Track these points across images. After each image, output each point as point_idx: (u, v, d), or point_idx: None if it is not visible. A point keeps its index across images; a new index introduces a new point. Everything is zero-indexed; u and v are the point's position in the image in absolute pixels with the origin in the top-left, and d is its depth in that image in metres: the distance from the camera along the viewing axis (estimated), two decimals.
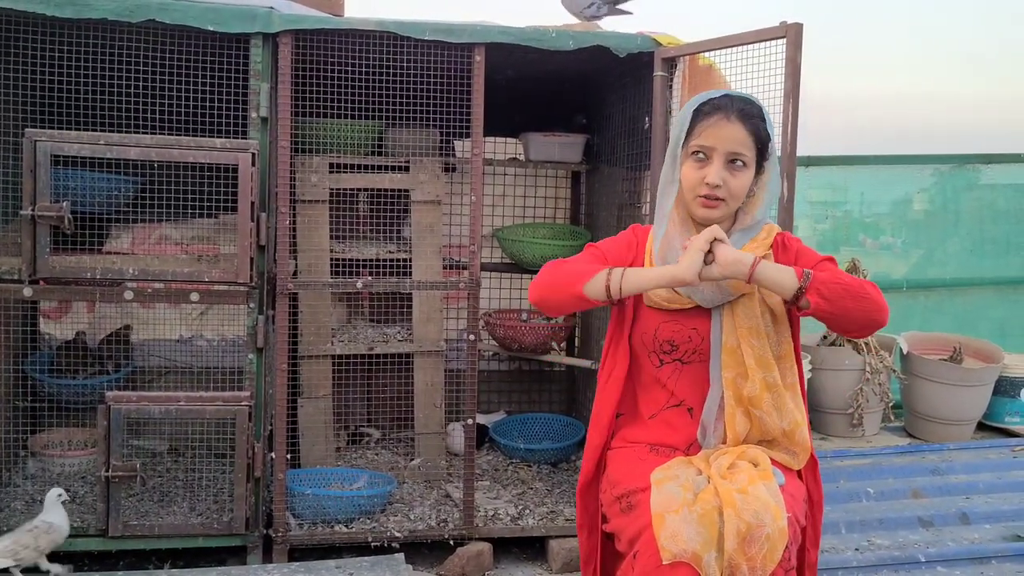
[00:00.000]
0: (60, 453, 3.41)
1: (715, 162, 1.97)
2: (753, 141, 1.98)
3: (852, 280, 1.92)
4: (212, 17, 2.78)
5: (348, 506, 3.10)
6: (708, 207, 1.99)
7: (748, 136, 1.97)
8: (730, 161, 1.97)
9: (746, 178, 1.99)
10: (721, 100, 2.00)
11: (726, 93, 2.03)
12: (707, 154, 1.98)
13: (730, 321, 2.01)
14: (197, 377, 3.71)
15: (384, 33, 2.92)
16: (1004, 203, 5.17)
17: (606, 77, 3.64)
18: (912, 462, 3.80)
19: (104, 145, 2.75)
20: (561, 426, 4.08)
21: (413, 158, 3.51)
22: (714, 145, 1.97)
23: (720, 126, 1.97)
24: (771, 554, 1.78)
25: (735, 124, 1.96)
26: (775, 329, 2.03)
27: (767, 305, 2.03)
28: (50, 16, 2.70)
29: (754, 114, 1.99)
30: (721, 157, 1.96)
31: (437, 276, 3.55)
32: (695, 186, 1.99)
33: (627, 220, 3.47)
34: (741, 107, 1.99)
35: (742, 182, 1.98)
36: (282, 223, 2.93)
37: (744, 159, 1.97)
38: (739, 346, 2.00)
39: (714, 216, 2.00)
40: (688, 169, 2.01)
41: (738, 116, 1.97)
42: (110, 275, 2.81)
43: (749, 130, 1.97)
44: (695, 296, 2.02)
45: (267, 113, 2.87)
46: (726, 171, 1.97)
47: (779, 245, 2.10)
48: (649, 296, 2.07)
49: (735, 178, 1.97)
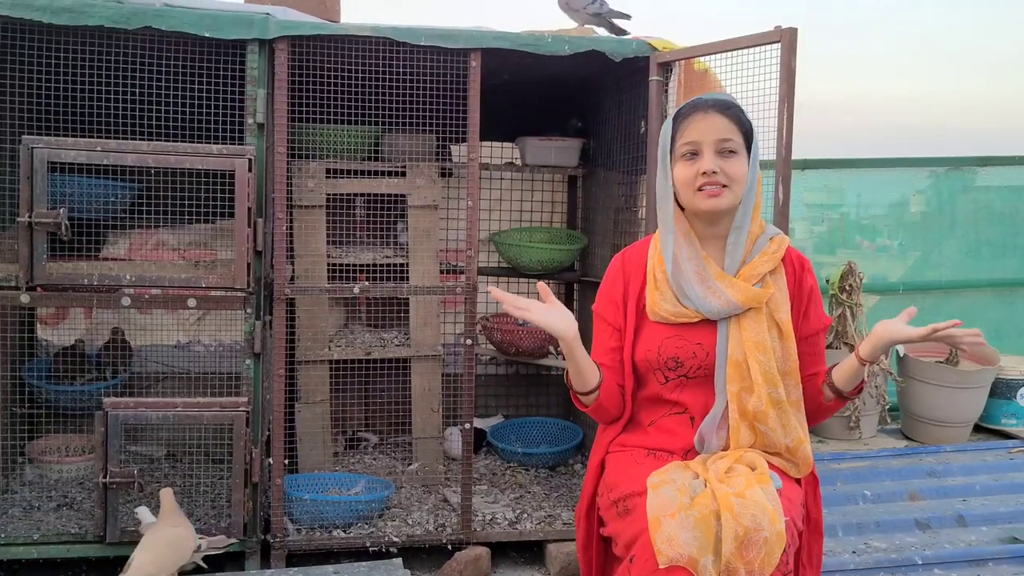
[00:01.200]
0: (58, 459, 3.41)
1: (706, 153, 2.00)
2: (738, 128, 2.01)
3: None
4: (208, 24, 2.78)
5: (346, 511, 3.10)
6: (712, 196, 2.00)
7: (731, 123, 2.01)
8: (721, 150, 1.99)
9: (740, 163, 2.01)
10: (696, 100, 2.07)
11: (699, 96, 2.10)
12: (696, 149, 2.01)
13: (736, 334, 2.01)
14: (195, 383, 3.71)
15: (380, 39, 2.92)
16: (1000, 205, 5.18)
17: (602, 82, 3.65)
18: (909, 464, 3.81)
19: (100, 152, 2.75)
20: (558, 430, 4.09)
21: (410, 163, 3.52)
22: (700, 138, 2.00)
23: (701, 119, 2.01)
24: (769, 558, 1.78)
25: (715, 115, 2.01)
26: (781, 344, 2.03)
27: (774, 321, 2.03)
28: (47, 23, 2.70)
29: (731, 104, 2.05)
30: (710, 148, 1.99)
31: (434, 281, 3.56)
32: (691, 181, 2.00)
33: (623, 224, 3.48)
34: (717, 100, 2.05)
35: (738, 166, 2.00)
36: (279, 228, 2.93)
37: (733, 146, 2.00)
38: (745, 359, 2.00)
39: (722, 205, 2.00)
40: (681, 169, 2.03)
41: (716, 109, 2.02)
42: (107, 281, 2.82)
43: (730, 119, 2.01)
44: (703, 309, 2.03)
45: (263, 119, 2.87)
46: (719, 159, 1.99)
47: (793, 268, 2.10)
48: (654, 310, 2.07)
49: (729, 164, 2.00)
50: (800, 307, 2.08)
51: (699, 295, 2.02)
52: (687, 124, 2.02)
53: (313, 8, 3.34)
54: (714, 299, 2.00)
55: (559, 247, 3.87)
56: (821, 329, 2.12)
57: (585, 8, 3.36)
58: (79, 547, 2.86)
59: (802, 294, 2.09)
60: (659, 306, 2.05)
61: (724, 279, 2.02)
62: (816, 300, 2.12)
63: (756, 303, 2.01)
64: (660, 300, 2.06)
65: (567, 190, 4.34)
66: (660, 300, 2.06)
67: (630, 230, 3.38)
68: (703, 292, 2.02)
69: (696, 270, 2.03)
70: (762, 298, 2.01)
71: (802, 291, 2.09)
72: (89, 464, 3.37)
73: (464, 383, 3.10)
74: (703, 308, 2.02)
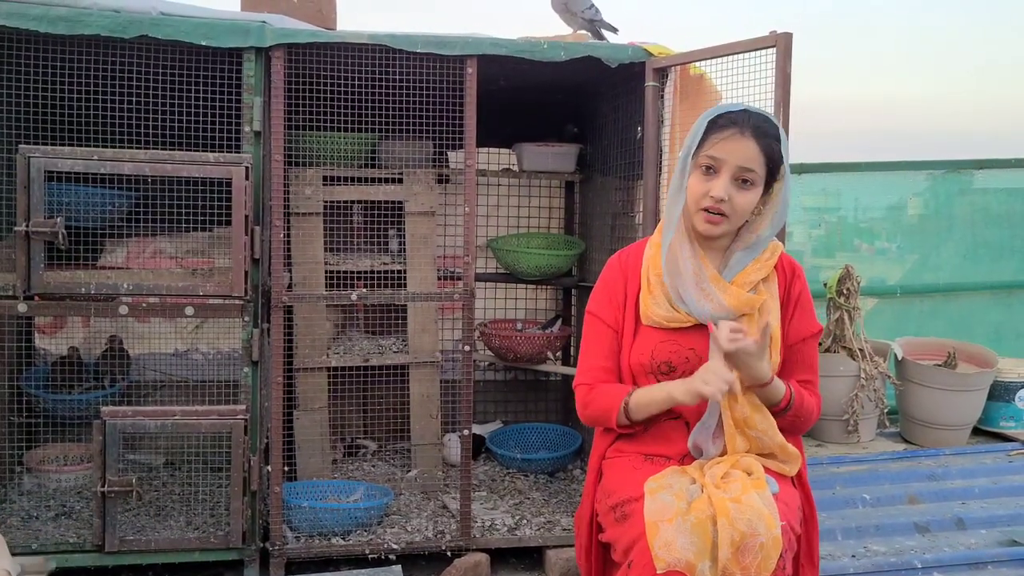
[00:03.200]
0: (56, 469, 3.41)
1: (723, 176, 1.96)
2: (764, 160, 1.97)
3: (807, 412, 2.06)
4: (205, 32, 2.79)
5: (345, 518, 3.10)
6: (710, 222, 1.98)
7: (760, 154, 1.96)
8: (738, 178, 1.96)
9: (752, 196, 1.98)
10: (738, 115, 1.98)
11: (745, 108, 2.01)
12: (716, 167, 1.96)
13: None
14: (193, 391, 3.71)
15: (376, 46, 2.93)
16: (997, 207, 5.19)
17: (598, 87, 3.66)
18: (908, 467, 3.81)
19: (98, 160, 2.75)
20: (557, 435, 4.08)
21: (407, 170, 3.52)
22: (724, 158, 1.95)
23: (732, 140, 1.95)
24: (765, 563, 1.78)
25: (748, 140, 1.95)
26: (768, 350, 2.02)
27: None
28: (43, 33, 2.71)
29: (769, 133, 1.98)
30: (729, 171, 1.95)
31: (432, 287, 3.56)
32: (699, 198, 1.98)
33: (621, 229, 3.49)
34: (757, 124, 1.97)
35: (748, 200, 1.97)
36: (276, 236, 2.93)
37: (752, 177, 1.96)
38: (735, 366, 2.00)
39: (715, 232, 2.00)
40: (695, 181, 2.00)
41: (752, 133, 1.95)
42: (104, 290, 2.82)
43: (762, 148, 1.96)
44: (696, 313, 2.02)
45: (260, 127, 2.87)
46: (733, 187, 1.96)
47: (784, 274, 2.10)
48: (647, 314, 2.07)
49: (741, 195, 1.97)
50: (787, 314, 2.09)
51: (693, 299, 2.02)
52: (719, 138, 1.96)
53: (309, 16, 3.35)
54: (707, 303, 2.01)
55: (557, 253, 3.87)
56: (808, 336, 2.10)
57: (582, 13, 3.37)
58: (77, 556, 2.86)
59: (790, 300, 2.09)
60: (652, 310, 2.06)
61: (719, 282, 2.02)
62: (804, 307, 2.10)
63: (748, 309, 2.01)
64: (653, 304, 2.06)
65: (564, 196, 4.34)
66: (653, 304, 2.06)
67: (627, 235, 3.38)
68: (697, 295, 2.02)
69: (693, 270, 2.03)
70: (755, 304, 2.01)
71: (790, 297, 2.09)
72: (87, 473, 3.36)
73: (462, 389, 3.10)
74: (696, 312, 2.02)
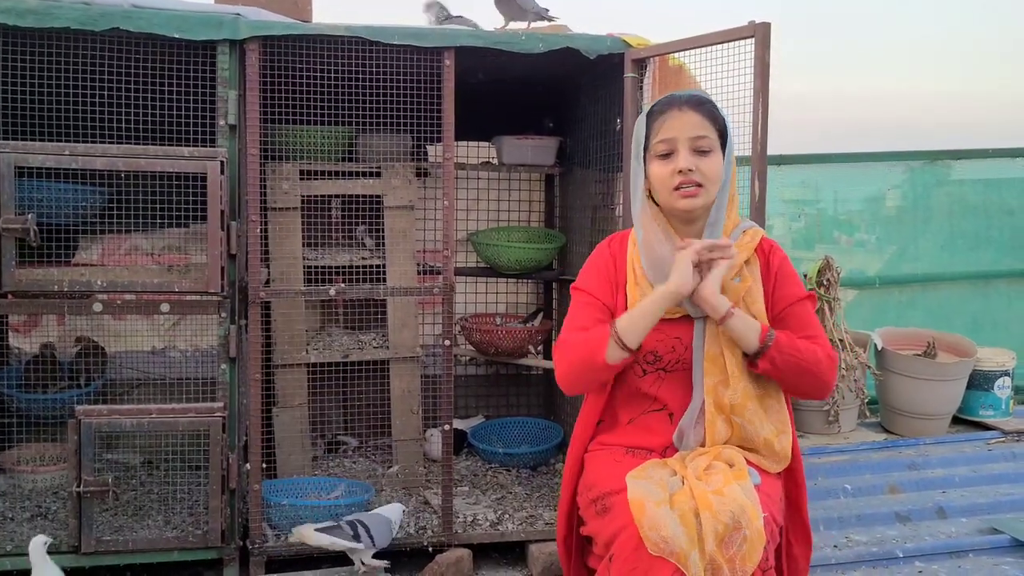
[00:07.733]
0: (32, 469, 3.35)
1: (681, 151, 1.99)
2: (712, 125, 2.01)
3: (809, 355, 1.97)
4: (178, 25, 2.75)
5: (326, 516, 3.06)
6: (688, 196, 2.00)
7: (705, 120, 2.00)
8: (695, 148, 1.99)
9: (715, 160, 2.01)
10: (669, 97, 2.06)
11: (672, 93, 2.09)
12: (671, 147, 2.00)
13: (713, 328, 2.01)
14: (170, 389, 3.66)
15: (353, 38, 2.89)
16: (974, 198, 5.23)
17: (577, 79, 3.64)
18: (888, 457, 3.83)
19: (69, 156, 2.71)
20: (539, 430, 4.07)
21: (385, 163, 3.49)
22: (675, 135, 2.00)
23: (675, 117, 2.01)
24: (751, 555, 1.78)
25: (689, 112, 2.01)
26: None
27: (751, 313, 2.02)
28: (11, 26, 2.66)
29: (704, 100, 2.05)
30: (685, 145, 1.99)
31: (411, 282, 3.53)
32: (668, 179, 2.00)
33: (601, 222, 3.47)
34: (690, 97, 2.04)
35: (713, 164, 2.00)
36: (253, 231, 2.90)
37: (708, 144, 2.00)
38: (721, 353, 2.00)
39: (697, 204, 2.01)
40: (657, 167, 2.02)
41: (689, 105, 2.02)
42: (78, 287, 2.77)
43: (704, 115, 2.01)
44: (685, 304, 2.02)
45: (235, 120, 2.84)
46: (694, 157, 1.99)
47: (764, 254, 2.10)
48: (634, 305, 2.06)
49: (704, 162, 1.99)
50: (769, 286, 2.08)
51: None
52: (662, 121, 2.02)
53: (285, 8, 3.30)
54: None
55: (537, 246, 3.85)
56: (795, 301, 2.06)
57: (533, 8, 3.36)
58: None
59: (770, 272, 2.08)
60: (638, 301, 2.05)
61: None
62: (785, 276, 2.08)
63: (732, 297, 2.00)
64: (640, 296, 2.05)
65: (544, 189, 4.32)
66: (640, 296, 2.05)
67: (608, 228, 3.37)
68: None
69: (671, 249, 2.02)
70: (739, 292, 2.01)
71: (770, 269, 2.09)
72: (63, 473, 3.31)
73: (443, 384, 3.08)
74: (686, 303, 2.01)
